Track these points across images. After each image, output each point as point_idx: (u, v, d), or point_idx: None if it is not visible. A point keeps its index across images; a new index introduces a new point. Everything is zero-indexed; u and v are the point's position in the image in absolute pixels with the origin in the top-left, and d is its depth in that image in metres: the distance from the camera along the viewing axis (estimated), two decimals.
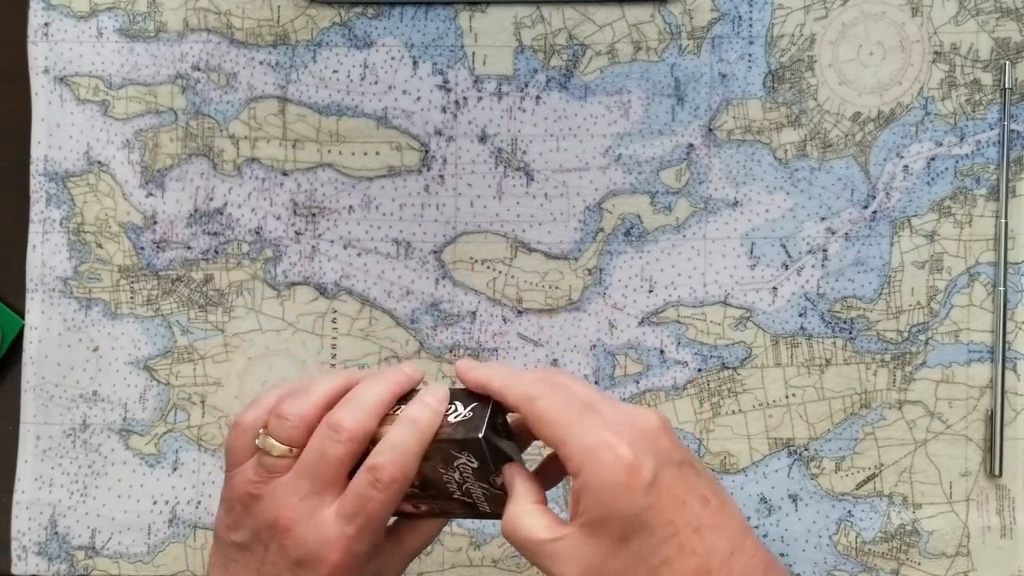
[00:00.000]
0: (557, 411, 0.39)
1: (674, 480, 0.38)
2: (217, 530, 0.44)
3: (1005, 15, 0.56)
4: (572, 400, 0.40)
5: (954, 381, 0.55)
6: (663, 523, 0.37)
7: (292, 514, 0.41)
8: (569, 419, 0.39)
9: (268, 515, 0.41)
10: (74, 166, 0.56)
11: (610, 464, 0.37)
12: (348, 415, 0.41)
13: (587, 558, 0.38)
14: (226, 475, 0.44)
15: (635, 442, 0.38)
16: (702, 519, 0.38)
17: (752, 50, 0.56)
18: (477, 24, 0.56)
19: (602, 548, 0.38)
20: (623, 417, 0.39)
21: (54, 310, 0.56)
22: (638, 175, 0.56)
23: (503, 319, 0.56)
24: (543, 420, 0.39)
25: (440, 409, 0.42)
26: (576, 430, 0.39)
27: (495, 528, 0.56)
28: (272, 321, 0.56)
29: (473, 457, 0.41)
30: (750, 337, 0.56)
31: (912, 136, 0.56)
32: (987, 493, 0.55)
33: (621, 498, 0.37)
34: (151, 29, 0.56)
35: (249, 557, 0.42)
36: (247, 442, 0.43)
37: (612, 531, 0.37)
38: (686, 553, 0.37)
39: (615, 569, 0.38)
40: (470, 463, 0.41)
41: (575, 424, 0.39)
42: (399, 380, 0.43)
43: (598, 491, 0.37)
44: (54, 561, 0.56)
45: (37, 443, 0.56)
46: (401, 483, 0.41)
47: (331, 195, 0.56)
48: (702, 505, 0.38)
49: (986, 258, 0.56)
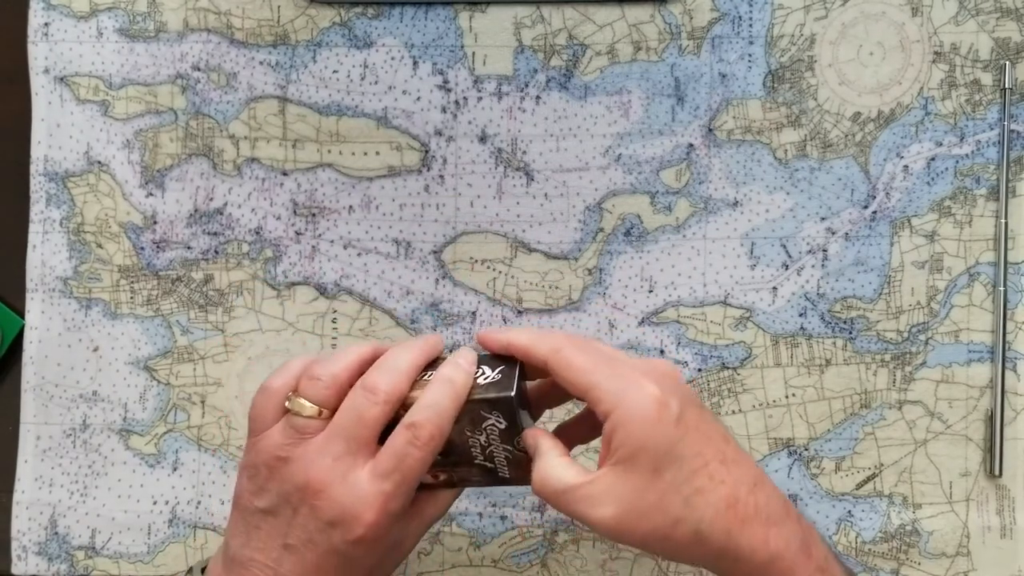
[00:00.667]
0: (585, 358, 0.41)
1: (698, 417, 0.40)
2: (239, 498, 0.43)
3: (1005, 15, 0.56)
4: (596, 349, 0.42)
5: (954, 381, 0.55)
6: (693, 454, 0.39)
7: (325, 475, 0.41)
8: (597, 364, 0.41)
9: (298, 477, 0.41)
10: (74, 166, 0.56)
11: (641, 400, 0.39)
12: (384, 377, 0.42)
13: (622, 494, 0.39)
14: (249, 441, 0.44)
15: (660, 382, 0.40)
16: (727, 453, 0.40)
17: (752, 50, 0.56)
18: (477, 24, 0.56)
19: (637, 482, 0.39)
20: (644, 363, 0.42)
21: (54, 310, 0.56)
22: (638, 175, 0.56)
23: (503, 319, 0.56)
24: (572, 367, 0.41)
25: (471, 370, 0.43)
26: (605, 372, 0.40)
27: (495, 528, 0.56)
28: (272, 321, 0.56)
29: (503, 417, 0.42)
30: (750, 337, 0.56)
31: (912, 136, 0.56)
32: (987, 493, 0.55)
33: (654, 431, 0.39)
34: (151, 29, 0.56)
35: (275, 522, 0.42)
36: (274, 406, 0.43)
37: (645, 464, 0.39)
38: (716, 482, 0.39)
39: (650, 501, 0.39)
40: (498, 424, 0.42)
41: (604, 368, 0.40)
42: (427, 347, 0.44)
43: (630, 426, 0.39)
44: (54, 561, 0.56)
45: (37, 443, 0.56)
46: (438, 441, 0.41)
47: (331, 195, 0.56)
48: (724, 442, 0.41)
49: (986, 258, 0.56)
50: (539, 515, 0.56)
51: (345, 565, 0.42)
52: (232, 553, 0.43)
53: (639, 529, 0.39)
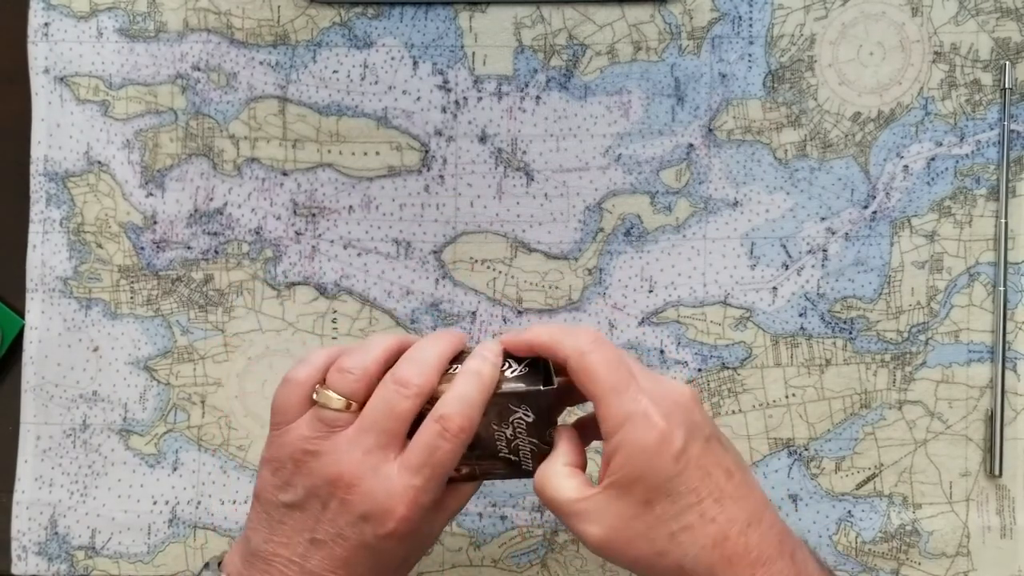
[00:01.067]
0: (608, 370, 0.41)
1: (702, 452, 0.40)
2: (261, 492, 0.43)
3: (1005, 15, 0.56)
4: (621, 362, 0.41)
5: (954, 381, 0.55)
6: (688, 491, 0.39)
7: (357, 469, 0.41)
8: (616, 381, 0.40)
9: (328, 471, 0.41)
10: (74, 166, 0.56)
11: (644, 431, 0.39)
12: (414, 371, 0.42)
13: (612, 518, 0.40)
14: (272, 434, 0.43)
15: (670, 413, 0.40)
16: (725, 490, 0.40)
17: (752, 50, 0.56)
18: (477, 24, 0.56)
19: (628, 510, 0.39)
20: (660, 388, 0.41)
21: (54, 310, 0.56)
22: (638, 175, 0.56)
23: (503, 319, 0.56)
24: (593, 376, 0.41)
25: (498, 363, 0.43)
26: (619, 392, 0.40)
27: (495, 528, 0.56)
28: (272, 321, 0.56)
29: (531, 411, 0.42)
30: (750, 337, 0.56)
31: (912, 136, 0.56)
32: (987, 493, 0.55)
33: (651, 464, 0.39)
34: (151, 29, 0.56)
35: (301, 517, 0.42)
36: (299, 398, 0.43)
37: (638, 495, 0.39)
38: (707, 521, 0.39)
39: (637, 530, 0.39)
40: (526, 417, 0.42)
41: (621, 387, 0.40)
42: (455, 340, 0.44)
43: (630, 454, 0.39)
44: (54, 561, 0.56)
45: (37, 443, 0.56)
46: (468, 433, 0.41)
47: (331, 195, 0.56)
48: (726, 478, 0.40)
49: (986, 258, 0.56)
50: (539, 515, 0.56)
51: (374, 558, 0.41)
52: (253, 547, 0.42)
53: (625, 554, 0.40)
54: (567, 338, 0.42)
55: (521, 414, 0.42)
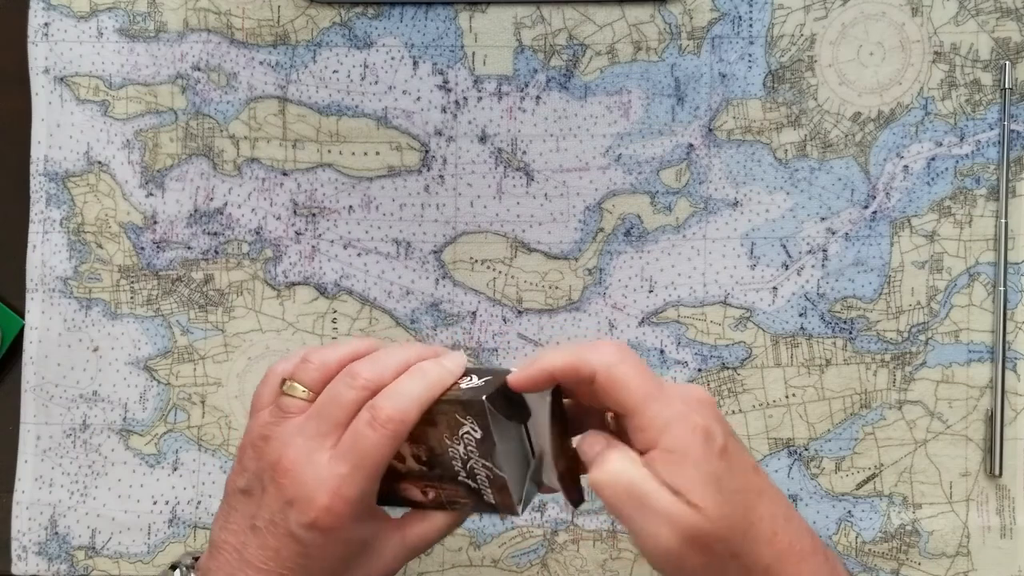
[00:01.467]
0: (641, 379, 0.39)
1: (737, 448, 0.40)
2: (227, 480, 0.43)
3: (1005, 15, 0.56)
4: (648, 369, 0.40)
5: (954, 381, 0.55)
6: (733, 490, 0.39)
7: (294, 454, 0.41)
8: (651, 389, 0.39)
9: (272, 455, 0.41)
10: (74, 166, 0.56)
11: (690, 432, 0.38)
12: (367, 366, 0.42)
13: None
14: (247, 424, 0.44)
15: (703, 412, 0.40)
16: (763, 487, 0.40)
17: (752, 50, 0.56)
18: (477, 24, 0.56)
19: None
20: (683, 390, 0.41)
21: (54, 310, 0.56)
22: (638, 175, 0.56)
23: (503, 319, 0.56)
24: (624, 386, 0.39)
25: (454, 370, 0.42)
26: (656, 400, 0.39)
27: (495, 528, 0.56)
28: (272, 321, 0.56)
29: (477, 425, 0.41)
30: (750, 337, 0.56)
31: (912, 136, 0.56)
32: (987, 493, 0.55)
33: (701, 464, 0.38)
34: (151, 29, 0.56)
35: (247, 503, 0.42)
36: (272, 388, 0.43)
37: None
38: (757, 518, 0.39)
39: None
40: (473, 432, 0.41)
41: (655, 394, 0.39)
42: (423, 352, 0.44)
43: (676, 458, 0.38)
44: (54, 561, 0.56)
45: (37, 443, 0.56)
46: (397, 425, 0.40)
47: (331, 195, 0.56)
48: (755, 472, 0.40)
49: (986, 258, 0.56)
50: (539, 515, 0.56)
51: (302, 554, 0.41)
52: (212, 536, 0.43)
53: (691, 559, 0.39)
54: (590, 354, 0.40)
55: (468, 428, 0.41)
